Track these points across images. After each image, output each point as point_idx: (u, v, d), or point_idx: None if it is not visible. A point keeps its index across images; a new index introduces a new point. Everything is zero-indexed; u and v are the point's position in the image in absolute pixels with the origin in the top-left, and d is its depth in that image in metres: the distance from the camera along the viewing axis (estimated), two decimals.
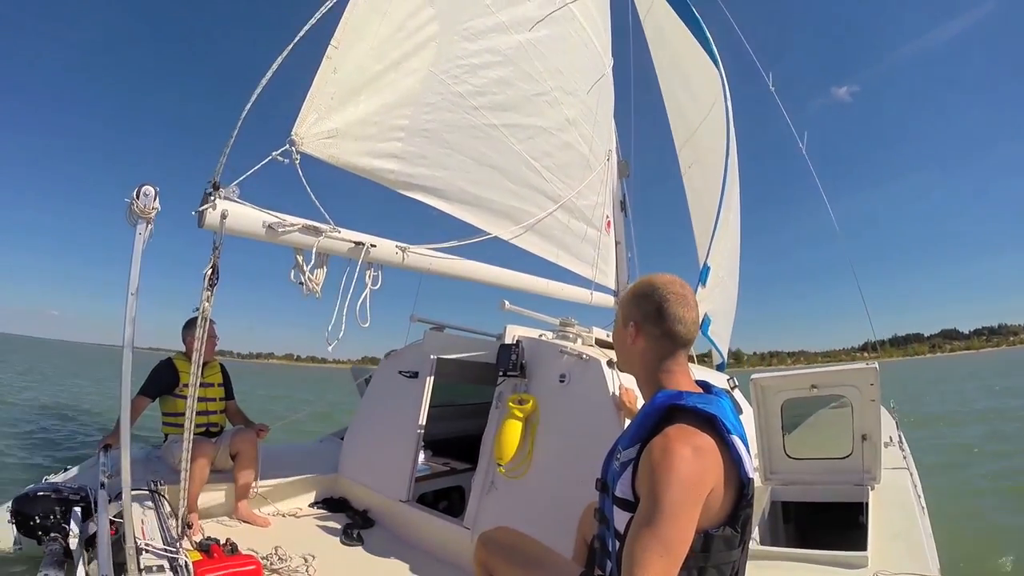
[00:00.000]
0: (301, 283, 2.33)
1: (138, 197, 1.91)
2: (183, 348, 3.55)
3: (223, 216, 2.06)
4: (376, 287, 2.51)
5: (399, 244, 2.70)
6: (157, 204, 1.94)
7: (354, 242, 2.47)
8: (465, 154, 3.00)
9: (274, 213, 2.22)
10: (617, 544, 1.33)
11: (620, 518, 1.32)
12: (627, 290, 1.56)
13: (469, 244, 3.05)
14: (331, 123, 2.30)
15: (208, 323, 2.19)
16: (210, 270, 2.04)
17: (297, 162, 2.19)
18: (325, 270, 2.39)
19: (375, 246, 2.55)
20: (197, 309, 2.13)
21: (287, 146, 2.18)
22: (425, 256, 2.83)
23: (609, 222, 4.43)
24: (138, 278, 1.95)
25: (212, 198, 2.05)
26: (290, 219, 2.27)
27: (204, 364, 3.56)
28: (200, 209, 2.05)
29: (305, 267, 2.32)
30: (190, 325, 3.48)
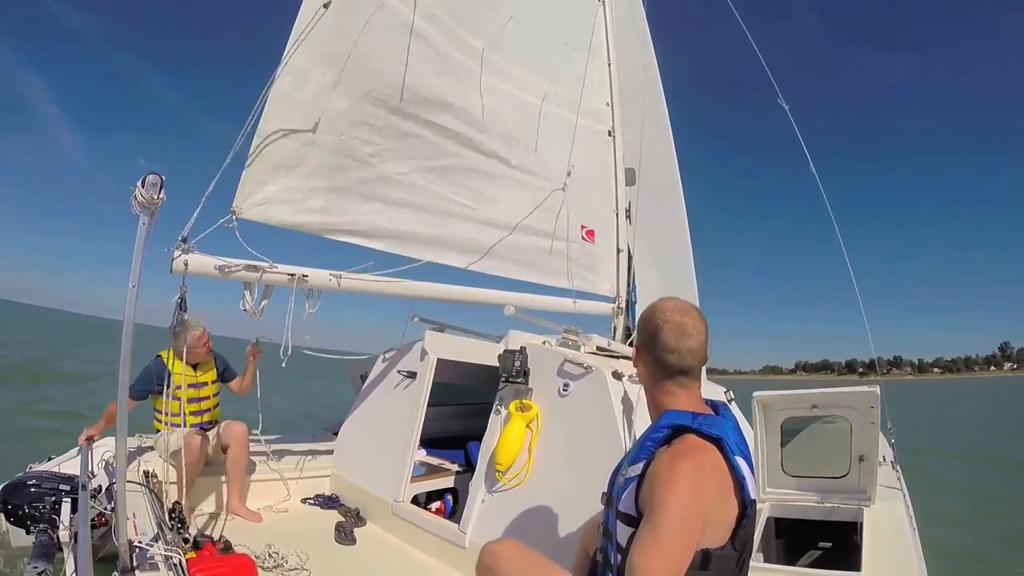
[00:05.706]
0: (246, 310, 2.84)
1: (143, 186, 1.87)
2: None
3: (185, 264, 2.55)
4: (313, 310, 2.97)
5: (332, 272, 3.07)
6: (163, 195, 1.89)
7: (288, 274, 2.91)
8: (385, 201, 3.33)
9: (223, 258, 2.73)
10: (619, 558, 1.35)
11: (623, 532, 1.34)
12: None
13: (412, 268, 3.36)
14: (262, 194, 2.84)
15: (194, 333, 3.15)
16: (179, 300, 2.45)
17: (235, 227, 2.74)
18: (267, 301, 2.90)
19: (307, 276, 2.96)
20: (170, 327, 2.56)
21: (230, 215, 2.73)
22: (360, 281, 3.17)
23: (592, 232, 4.43)
24: (139, 271, 1.91)
25: (177, 252, 2.54)
26: (235, 261, 2.75)
27: (197, 364, 3.52)
28: (169, 259, 2.53)
29: (250, 299, 2.83)
30: (177, 335, 3.44)
